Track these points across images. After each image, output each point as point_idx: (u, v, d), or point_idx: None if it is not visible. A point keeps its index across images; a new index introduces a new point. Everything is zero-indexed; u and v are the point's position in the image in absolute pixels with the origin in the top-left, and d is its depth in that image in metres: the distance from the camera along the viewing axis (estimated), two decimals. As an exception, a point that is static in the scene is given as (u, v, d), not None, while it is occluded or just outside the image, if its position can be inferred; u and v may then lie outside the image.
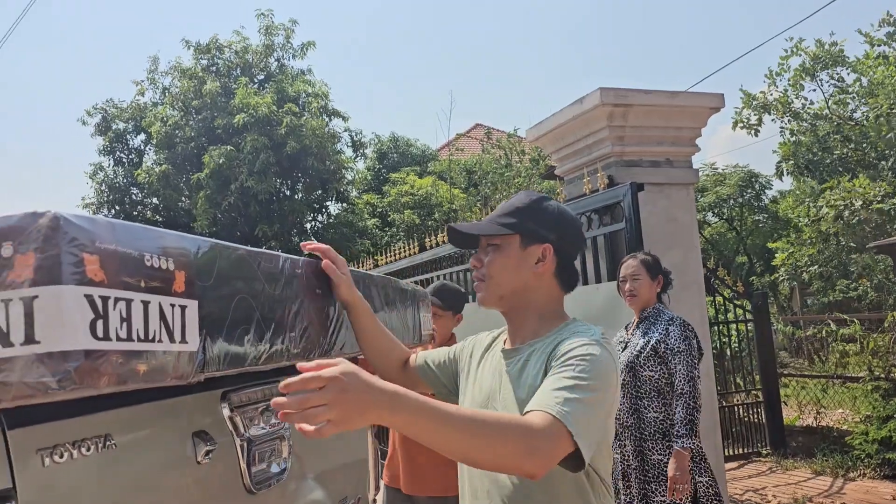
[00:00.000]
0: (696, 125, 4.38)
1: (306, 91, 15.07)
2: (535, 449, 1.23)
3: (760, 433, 7.70)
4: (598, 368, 1.40)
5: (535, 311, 1.61)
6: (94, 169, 15.63)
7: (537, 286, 1.60)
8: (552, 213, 1.61)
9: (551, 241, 1.58)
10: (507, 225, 1.58)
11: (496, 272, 1.59)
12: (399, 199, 15.25)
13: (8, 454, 1.24)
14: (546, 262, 1.58)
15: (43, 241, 1.00)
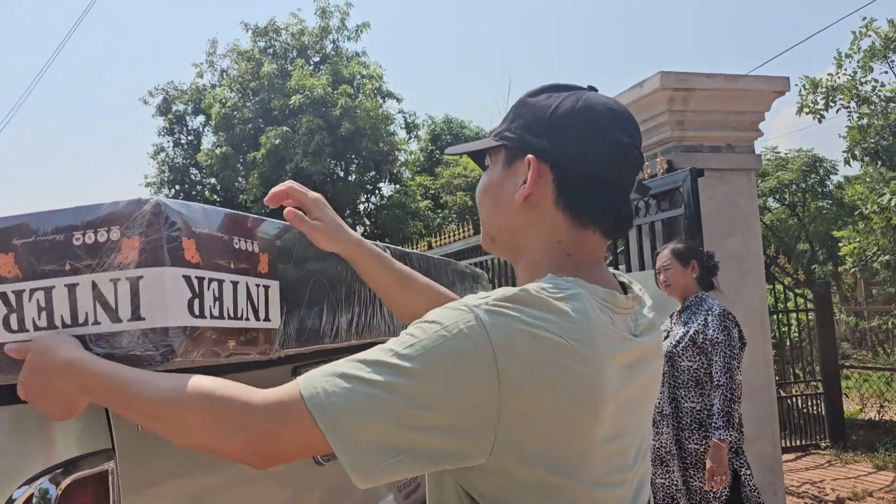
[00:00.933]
0: (759, 109, 4.29)
1: (361, 73, 15.20)
2: (244, 425, 0.88)
3: (820, 425, 7.54)
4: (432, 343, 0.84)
5: (528, 257, 1.05)
6: (155, 149, 16.12)
7: (530, 222, 1.03)
8: (547, 107, 1.02)
9: (540, 149, 1.00)
10: (495, 134, 1.09)
11: (481, 203, 1.10)
12: (452, 180, 15.29)
13: (108, 419, 1.34)
14: (530, 180, 1.00)
15: (147, 226, 1.08)
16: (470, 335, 0.83)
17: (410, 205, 15.47)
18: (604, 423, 0.88)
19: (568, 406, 0.85)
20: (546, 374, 0.83)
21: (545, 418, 0.84)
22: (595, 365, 0.86)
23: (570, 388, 0.85)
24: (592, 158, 0.99)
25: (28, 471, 1.24)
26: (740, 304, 4.22)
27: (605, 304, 0.95)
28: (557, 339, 0.84)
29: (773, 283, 7.81)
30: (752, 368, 4.26)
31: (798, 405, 7.64)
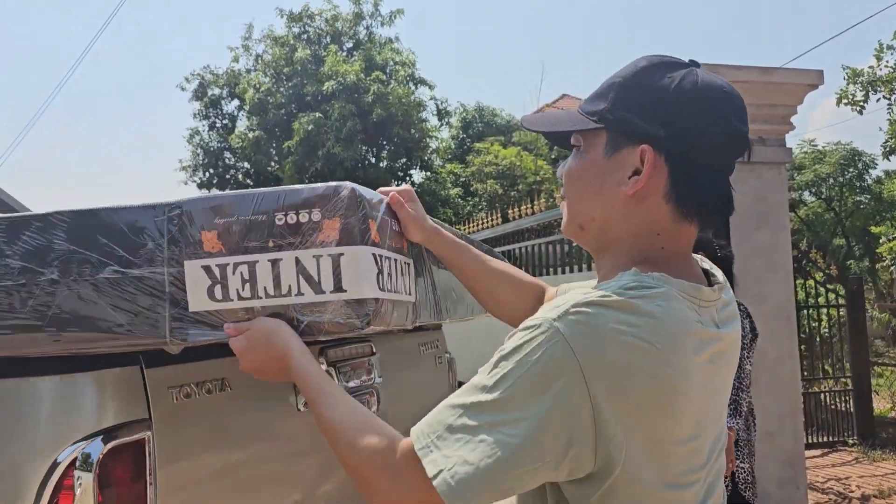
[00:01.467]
0: (792, 103, 4.24)
1: (393, 59, 15.26)
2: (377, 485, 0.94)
3: (848, 422, 7.48)
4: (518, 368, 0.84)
5: (615, 251, 1.00)
6: (190, 133, 16.42)
7: (632, 216, 0.96)
8: (663, 90, 0.93)
9: (653, 138, 0.93)
10: (591, 114, 0.98)
11: (572, 190, 1.02)
12: (482, 168, 15.31)
13: (145, 389, 1.43)
14: (644, 174, 0.93)
15: (345, 209, 1.21)
16: (554, 354, 0.82)
17: (441, 192, 15.54)
18: (684, 423, 0.87)
19: (653, 410, 0.84)
20: (633, 381, 0.82)
21: (632, 423, 0.83)
22: (679, 366, 0.85)
23: (655, 392, 0.83)
24: (708, 147, 0.93)
25: (73, 436, 1.34)
26: (768, 298, 4.21)
27: (691, 300, 0.91)
28: (643, 345, 0.82)
29: (804, 277, 7.73)
30: (778, 363, 4.25)
31: (826, 401, 7.57)
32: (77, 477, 1.31)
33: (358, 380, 2.18)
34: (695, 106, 0.93)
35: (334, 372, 2.06)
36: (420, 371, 2.71)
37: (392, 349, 2.48)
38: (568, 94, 24.62)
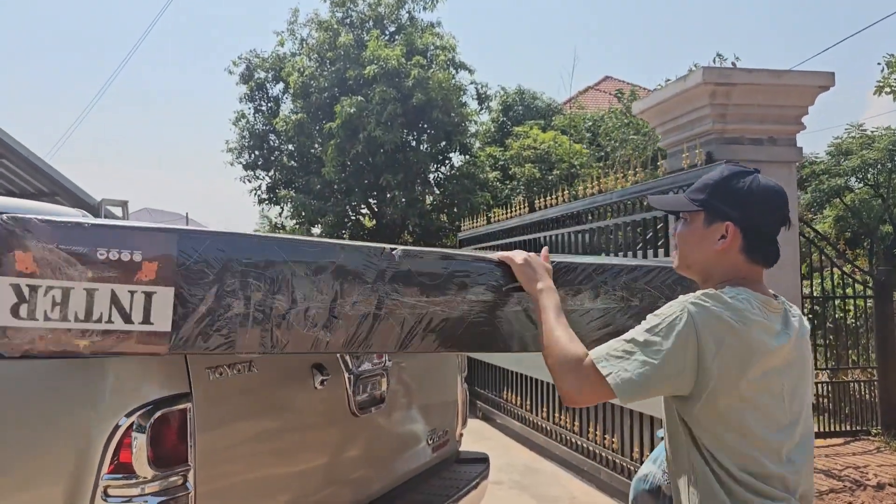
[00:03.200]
0: (803, 104, 4.37)
1: (434, 44, 15.41)
2: (572, 384, 1.56)
3: (872, 412, 7.55)
4: (663, 324, 1.51)
5: (714, 282, 1.64)
6: (237, 115, 16.85)
7: (720, 261, 1.63)
8: (741, 190, 1.61)
9: (733, 218, 1.60)
10: (694, 200, 1.65)
11: (682, 244, 1.70)
12: (521, 152, 15.43)
13: (187, 368, 1.78)
14: (728, 239, 1.60)
15: None
16: (682, 318, 1.50)
17: (479, 175, 15.70)
18: (752, 375, 1.51)
19: (731, 360, 1.49)
20: (721, 340, 1.49)
21: (719, 366, 1.49)
22: (747, 338, 1.50)
23: (732, 349, 1.49)
24: (767, 225, 1.63)
25: (130, 405, 1.69)
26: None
27: (762, 305, 1.56)
28: (728, 320, 1.50)
29: (832, 268, 7.78)
30: (783, 354, 4.43)
31: (851, 391, 7.65)
32: (134, 437, 1.67)
33: (369, 363, 2.51)
34: (758, 200, 1.62)
35: (347, 356, 2.38)
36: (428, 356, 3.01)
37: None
38: (610, 76, 24.45)
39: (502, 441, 7.38)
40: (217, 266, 1.49)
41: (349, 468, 2.42)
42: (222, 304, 1.50)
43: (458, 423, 3.24)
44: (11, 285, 1.33)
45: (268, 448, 2.04)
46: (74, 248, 1.38)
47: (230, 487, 1.91)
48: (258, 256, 1.54)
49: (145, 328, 1.42)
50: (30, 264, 1.34)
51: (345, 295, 1.63)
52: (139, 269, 1.42)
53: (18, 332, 1.35)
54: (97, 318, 1.40)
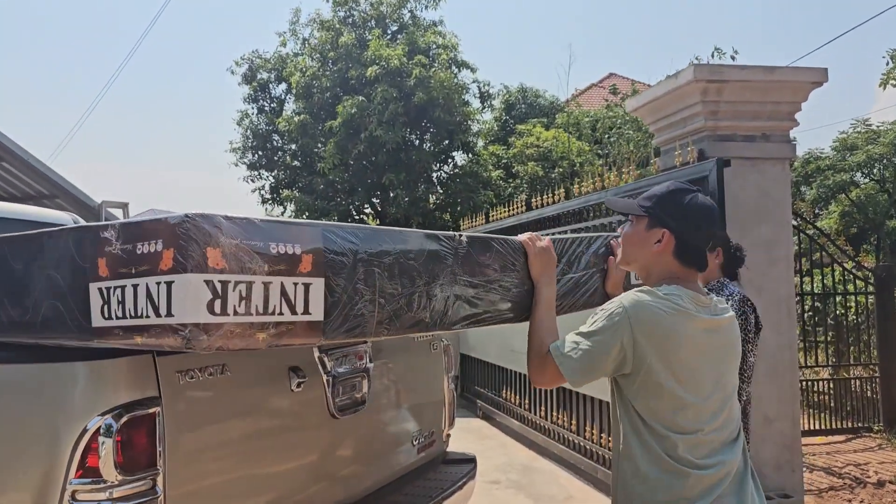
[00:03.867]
0: (796, 100, 4.34)
1: (436, 43, 15.39)
2: (535, 369, 1.94)
3: (873, 409, 7.51)
4: (603, 316, 1.81)
5: (651, 280, 1.93)
6: (240, 116, 16.89)
7: (657, 261, 1.91)
8: (681, 204, 1.88)
9: (670, 227, 1.87)
10: (641, 207, 1.93)
11: (626, 242, 1.99)
12: (524, 150, 15.40)
13: (156, 372, 1.78)
14: (663, 243, 1.88)
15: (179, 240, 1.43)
16: (618, 313, 1.78)
17: (482, 174, 15.69)
18: (681, 356, 1.78)
19: (661, 343, 1.76)
20: (653, 327, 1.76)
21: (652, 349, 1.75)
22: (674, 325, 1.76)
23: (663, 334, 1.76)
24: (695, 237, 1.89)
25: (99, 408, 1.70)
26: (767, 291, 4.37)
27: (692, 299, 1.82)
28: (659, 311, 1.76)
29: (832, 265, 7.74)
30: (777, 352, 4.41)
31: (852, 387, 7.60)
32: (101, 441, 1.67)
33: (349, 365, 2.50)
34: (692, 214, 1.88)
35: (326, 358, 2.38)
36: (413, 357, 3.01)
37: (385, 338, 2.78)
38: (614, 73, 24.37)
39: (501, 440, 7.37)
40: (351, 257, 1.61)
41: (329, 471, 2.41)
42: (357, 292, 1.62)
43: (445, 424, 3.23)
44: (206, 282, 1.35)
45: (243, 452, 2.04)
46: (253, 244, 1.43)
47: (204, 491, 1.90)
48: (377, 246, 1.69)
49: (305, 318, 1.49)
50: (220, 261, 1.36)
51: (435, 278, 1.84)
52: (300, 261, 1.49)
53: (215, 328, 1.37)
54: (272, 310, 1.45)
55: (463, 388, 9.21)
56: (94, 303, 1.48)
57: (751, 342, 3.31)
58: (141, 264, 1.40)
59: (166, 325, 1.37)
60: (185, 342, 1.36)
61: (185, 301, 1.35)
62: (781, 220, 4.38)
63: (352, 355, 2.51)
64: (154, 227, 1.41)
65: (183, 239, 1.35)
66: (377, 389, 2.66)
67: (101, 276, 1.47)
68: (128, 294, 1.42)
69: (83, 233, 1.55)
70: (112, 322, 1.46)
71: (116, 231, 1.46)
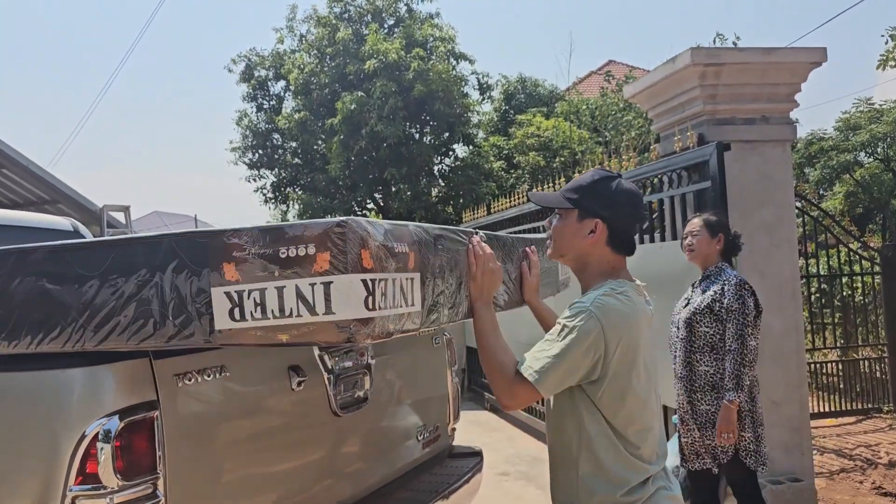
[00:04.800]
0: (795, 81, 4.29)
1: (433, 35, 15.33)
2: (501, 388, 1.81)
3: (883, 389, 7.47)
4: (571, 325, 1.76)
5: (590, 270, 1.93)
6: (239, 115, 16.86)
7: (591, 252, 1.90)
8: (608, 192, 1.88)
9: (602, 217, 1.87)
10: (569, 199, 1.91)
11: (557, 236, 1.95)
12: (525, 140, 15.35)
13: (153, 376, 1.77)
14: (597, 234, 1.87)
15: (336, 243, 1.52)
16: (589, 320, 1.74)
17: (484, 165, 15.63)
18: (639, 355, 1.81)
19: (628, 346, 1.77)
20: (621, 332, 1.76)
21: (620, 353, 1.76)
22: (636, 321, 1.80)
23: (629, 332, 1.78)
24: (627, 223, 1.91)
25: (97, 414, 1.69)
26: (771, 274, 4.34)
27: (635, 290, 1.88)
28: (623, 311, 1.78)
29: (837, 246, 7.69)
30: (784, 335, 4.38)
31: (861, 369, 7.57)
32: (100, 447, 1.66)
33: (351, 361, 2.49)
34: (622, 199, 1.89)
35: (326, 356, 2.37)
36: (415, 352, 3.00)
37: (386, 333, 2.77)
38: (613, 60, 24.24)
39: (510, 432, 7.37)
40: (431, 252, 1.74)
41: (333, 469, 2.41)
42: (436, 283, 1.75)
43: (449, 418, 3.22)
44: (362, 281, 1.47)
45: (245, 452, 2.03)
46: (386, 244, 1.56)
47: (206, 494, 1.90)
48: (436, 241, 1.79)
49: (412, 310, 1.63)
50: (370, 261, 1.49)
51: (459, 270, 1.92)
52: (408, 259, 1.64)
53: (370, 322, 1.48)
54: (397, 303, 1.58)
55: (470, 380, 9.21)
56: (219, 306, 1.53)
57: (750, 325, 3.30)
58: (288, 267, 1.48)
59: (326, 322, 1.46)
60: (348, 336, 1.47)
61: (347, 299, 1.46)
62: (783, 203, 4.34)
63: (353, 352, 2.50)
64: (303, 232, 1.50)
65: (340, 242, 1.46)
66: (380, 386, 2.65)
67: (229, 280, 1.52)
68: (269, 296, 1.49)
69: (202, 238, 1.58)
70: (246, 323, 1.51)
71: (251, 236, 1.52)
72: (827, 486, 5.12)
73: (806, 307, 6.76)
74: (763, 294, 4.30)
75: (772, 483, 4.23)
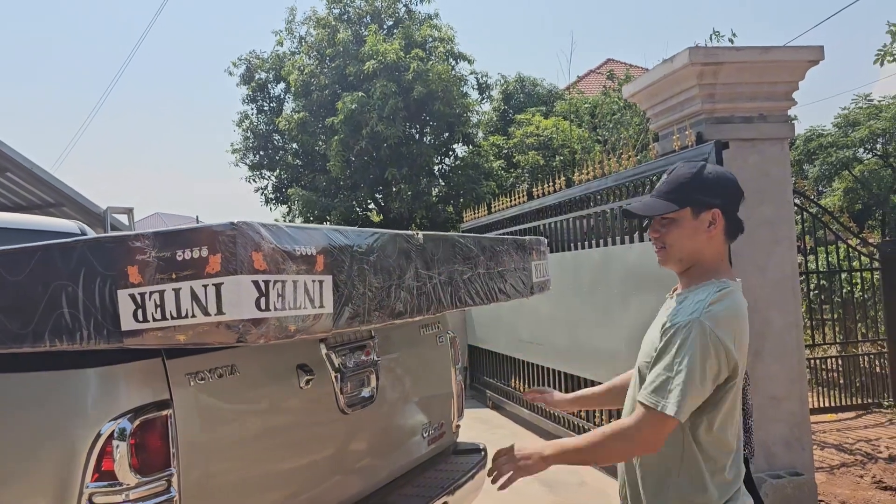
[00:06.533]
0: (793, 79, 4.33)
1: (432, 36, 15.38)
2: (634, 440, 1.72)
3: (883, 384, 7.51)
4: (685, 344, 1.70)
5: (700, 267, 1.85)
6: (240, 117, 16.92)
7: (708, 246, 1.84)
8: (713, 179, 1.83)
9: (717, 205, 1.80)
10: (675, 201, 1.82)
11: (675, 241, 1.85)
12: (524, 140, 15.40)
13: (167, 376, 1.81)
14: (717, 224, 1.81)
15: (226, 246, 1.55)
16: (702, 333, 1.69)
17: (483, 165, 15.68)
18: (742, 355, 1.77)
19: (740, 347, 1.75)
20: (735, 335, 1.73)
21: (736, 354, 1.72)
22: (744, 324, 1.78)
23: (741, 335, 1.75)
24: (736, 204, 1.86)
25: (112, 412, 1.73)
26: (770, 271, 4.38)
27: (738, 288, 1.82)
28: (733, 315, 1.74)
29: (836, 242, 7.73)
30: (783, 332, 4.43)
31: (862, 364, 7.61)
32: (116, 445, 1.70)
33: (357, 361, 2.54)
34: (726, 180, 1.85)
35: (333, 355, 2.41)
36: (420, 350, 3.04)
37: (391, 332, 2.82)
38: (612, 58, 24.28)
39: (512, 429, 7.41)
40: (348, 256, 1.79)
41: (341, 466, 2.45)
42: (355, 285, 1.80)
43: (454, 415, 3.26)
44: (253, 282, 1.50)
45: (255, 450, 2.07)
46: (284, 247, 1.59)
47: (219, 490, 1.94)
48: (363, 245, 1.87)
49: (321, 311, 1.66)
50: (262, 263, 1.52)
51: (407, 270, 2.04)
52: (315, 261, 1.67)
53: (262, 322, 1.51)
54: (300, 305, 1.61)
55: (472, 378, 9.26)
56: (124, 308, 1.56)
57: None
58: (184, 269, 1.51)
59: (217, 323, 1.49)
60: (238, 336, 1.49)
61: (238, 300, 1.48)
62: (782, 200, 4.38)
63: (359, 351, 2.54)
64: (197, 235, 1.52)
65: (230, 244, 1.49)
66: (386, 384, 2.69)
67: (133, 283, 1.55)
68: (167, 297, 1.52)
69: (108, 243, 1.61)
70: (148, 324, 1.55)
71: (151, 240, 1.55)
72: (827, 480, 5.16)
73: (805, 303, 6.80)
74: (763, 290, 4.35)
75: (772, 477, 4.27)
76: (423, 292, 2.15)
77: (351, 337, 2.52)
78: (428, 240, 2.24)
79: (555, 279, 6.17)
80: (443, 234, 2.38)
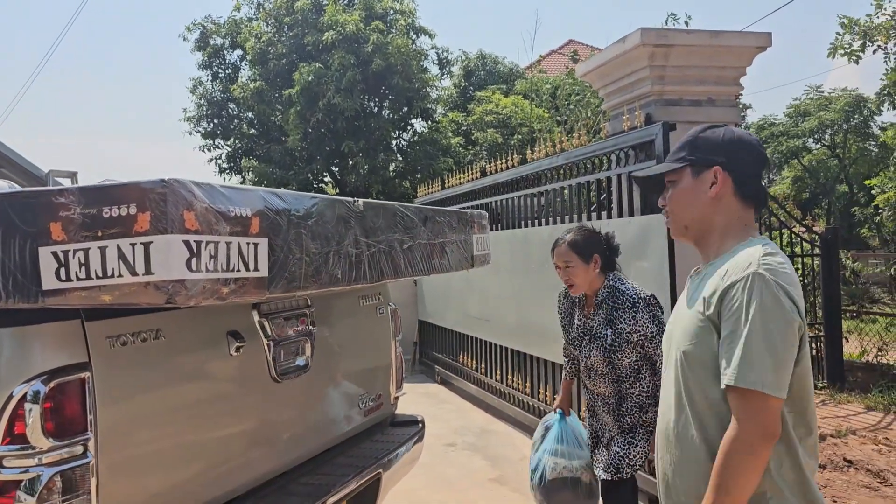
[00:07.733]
0: (741, 65, 4.40)
1: (393, 8, 15.18)
2: (750, 442, 1.47)
3: (818, 366, 7.78)
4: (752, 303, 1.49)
5: (718, 232, 1.67)
6: (193, 84, 16.46)
7: (716, 209, 1.66)
8: (717, 137, 1.69)
9: (720, 162, 1.65)
10: (676, 160, 1.71)
11: (676, 205, 1.71)
12: (483, 117, 15.36)
13: (85, 338, 1.76)
14: (719, 182, 1.65)
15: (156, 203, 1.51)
16: (766, 285, 1.50)
17: (442, 141, 15.62)
18: None
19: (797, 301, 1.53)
20: (794, 287, 1.53)
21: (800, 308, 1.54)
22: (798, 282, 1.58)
23: (800, 297, 1.54)
24: (749, 164, 1.68)
25: (24, 374, 1.67)
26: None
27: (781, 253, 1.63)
28: (791, 271, 1.56)
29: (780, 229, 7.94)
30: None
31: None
32: (28, 409, 1.65)
33: (292, 329, 2.51)
34: (735, 142, 1.68)
35: (266, 322, 2.37)
36: (359, 321, 3.02)
37: (329, 302, 2.79)
38: (574, 40, 24.36)
39: (459, 404, 7.47)
40: (285, 219, 1.75)
41: (271, 434, 2.43)
42: (291, 250, 1.77)
43: (393, 387, 3.26)
44: (184, 241, 1.45)
45: (180, 416, 2.03)
46: (218, 207, 1.54)
47: (140, 456, 1.90)
48: (301, 209, 1.83)
49: (255, 275, 1.63)
50: (194, 222, 1.47)
51: (346, 237, 2.03)
52: (250, 223, 1.63)
53: (192, 284, 1.47)
54: (233, 267, 1.58)
55: (421, 353, 9.29)
56: (46, 266, 1.50)
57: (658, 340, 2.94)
58: (111, 227, 1.46)
59: (145, 283, 1.44)
60: (167, 298, 1.45)
61: (167, 260, 1.44)
62: (726, 184, 4.45)
63: (294, 319, 2.51)
64: (125, 191, 1.46)
65: (160, 202, 1.44)
66: (321, 353, 2.67)
67: (55, 240, 1.49)
68: (92, 256, 1.47)
69: (29, 198, 1.54)
70: (71, 284, 1.49)
71: (76, 195, 1.49)
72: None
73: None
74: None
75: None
76: (362, 260, 2.13)
77: (287, 305, 2.49)
78: (368, 207, 2.21)
79: (505, 256, 6.23)
80: (383, 202, 2.37)
